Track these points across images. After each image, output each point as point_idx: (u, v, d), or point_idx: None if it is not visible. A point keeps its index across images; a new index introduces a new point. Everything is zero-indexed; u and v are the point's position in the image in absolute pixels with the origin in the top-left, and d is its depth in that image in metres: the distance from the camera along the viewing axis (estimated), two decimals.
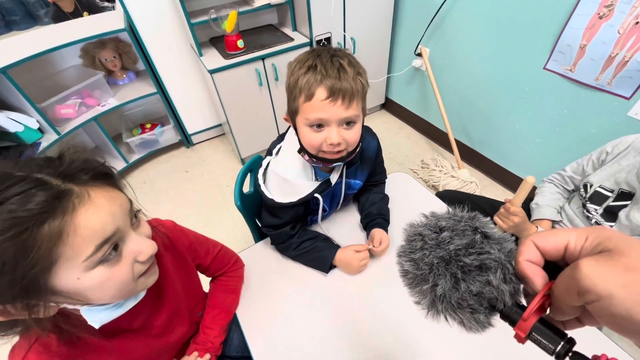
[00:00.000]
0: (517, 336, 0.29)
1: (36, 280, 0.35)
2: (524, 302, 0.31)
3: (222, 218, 1.86)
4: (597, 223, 0.91)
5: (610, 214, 0.88)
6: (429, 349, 0.68)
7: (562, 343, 0.27)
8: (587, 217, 0.94)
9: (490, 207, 1.15)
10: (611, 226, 0.88)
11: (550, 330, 0.28)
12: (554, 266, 0.29)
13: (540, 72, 1.46)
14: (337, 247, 0.84)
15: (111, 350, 0.53)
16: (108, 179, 0.43)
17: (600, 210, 0.90)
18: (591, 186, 0.93)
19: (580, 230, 0.26)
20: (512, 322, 0.30)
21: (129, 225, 0.44)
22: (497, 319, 0.33)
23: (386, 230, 0.87)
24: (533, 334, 0.28)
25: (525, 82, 1.54)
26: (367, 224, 0.90)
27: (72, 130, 1.74)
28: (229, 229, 1.79)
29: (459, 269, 0.33)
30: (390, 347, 0.69)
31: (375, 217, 0.90)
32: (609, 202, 0.88)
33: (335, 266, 0.84)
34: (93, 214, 0.38)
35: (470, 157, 2.02)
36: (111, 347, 0.53)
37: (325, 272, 0.84)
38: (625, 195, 0.86)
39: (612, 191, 0.88)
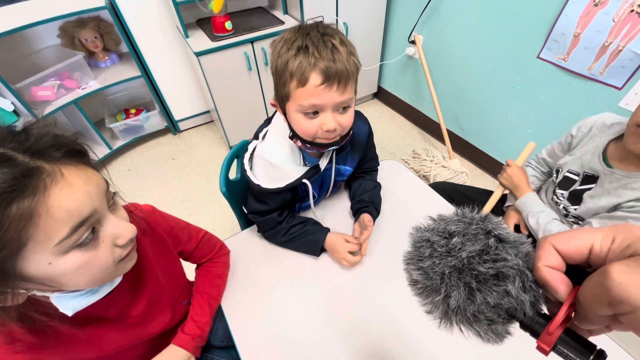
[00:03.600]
0: (539, 348, 0.26)
1: (3, 264, 0.32)
2: (544, 309, 0.29)
3: (210, 207, 1.81)
4: (564, 209, 0.91)
5: (575, 197, 0.88)
6: (424, 344, 0.67)
7: (591, 357, 0.25)
8: (556, 203, 0.94)
9: (487, 196, 1.14)
10: (575, 209, 0.87)
11: (576, 342, 0.25)
12: (576, 268, 0.26)
13: (533, 61, 1.44)
14: (327, 230, 0.83)
15: (84, 339, 0.50)
16: (82, 157, 0.39)
17: (566, 194, 0.90)
18: (561, 171, 0.93)
19: (606, 230, 0.24)
20: (535, 334, 0.28)
21: (106, 207, 0.41)
22: (515, 327, 0.30)
23: (374, 220, 0.86)
24: (558, 346, 0.25)
25: (519, 72, 1.53)
26: (358, 210, 0.88)
27: (50, 114, 1.66)
28: (217, 218, 1.75)
29: (473, 278, 0.30)
30: (381, 339, 0.68)
31: (368, 204, 0.88)
32: (575, 187, 0.88)
33: (326, 250, 0.82)
34: (68, 194, 0.35)
35: (462, 147, 2.01)
36: (84, 336, 0.50)
37: (316, 256, 0.82)
38: (589, 179, 0.85)
39: (578, 175, 0.88)
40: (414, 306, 0.33)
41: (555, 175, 0.95)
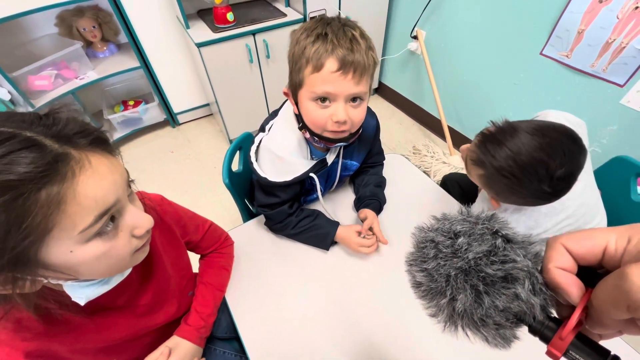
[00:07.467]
0: (550, 353, 0.25)
1: (27, 251, 0.32)
2: (553, 313, 0.28)
3: (209, 201, 1.80)
4: None
5: None
6: (428, 347, 0.67)
7: None
8: None
9: None
10: None
11: (589, 347, 0.24)
12: (587, 269, 0.25)
13: (536, 58, 1.44)
14: (337, 223, 0.82)
15: (92, 328, 0.49)
16: (106, 145, 0.39)
17: None
18: None
19: (621, 230, 0.23)
20: (545, 339, 0.26)
21: (126, 196, 0.41)
22: (523, 331, 0.30)
23: (378, 213, 0.85)
24: (570, 352, 0.24)
25: (521, 68, 1.53)
26: (360, 205, 0.88)
27: (47, 104, 1.63)
28: (216, 212, 1.74)
29: (481, 280, 0.28)
30: (385, 334, 0.68)
31: (367, 198, 0.87)
32: None
33: (335, 242, 0.82)
34: (95, 182, 0.35)
35: (462, 143, 1.98)
36: (92, 325, 0.49)
37: (326, 249, 0.81)
38: None
39: None
40: (417, 309, 0.32)
41: None
